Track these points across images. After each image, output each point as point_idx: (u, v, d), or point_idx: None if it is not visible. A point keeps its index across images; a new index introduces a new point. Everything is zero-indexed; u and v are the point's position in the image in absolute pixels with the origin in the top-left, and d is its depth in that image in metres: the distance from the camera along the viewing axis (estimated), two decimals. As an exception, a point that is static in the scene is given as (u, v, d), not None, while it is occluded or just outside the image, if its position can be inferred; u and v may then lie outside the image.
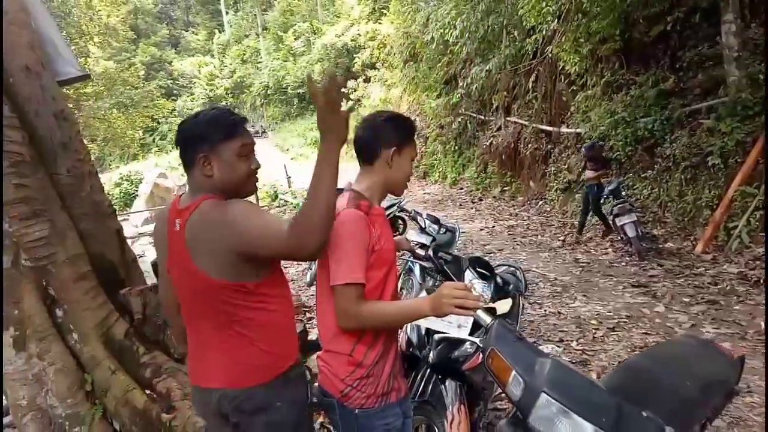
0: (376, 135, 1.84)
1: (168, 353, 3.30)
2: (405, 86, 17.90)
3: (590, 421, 1.36)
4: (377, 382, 1.75)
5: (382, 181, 1.83)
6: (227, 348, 1.66)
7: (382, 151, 1.81)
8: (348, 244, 1.65)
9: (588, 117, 10.10)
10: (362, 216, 1.69)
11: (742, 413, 3.28)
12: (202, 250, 1.60)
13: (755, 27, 7.60)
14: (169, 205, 1.79)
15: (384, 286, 1.76)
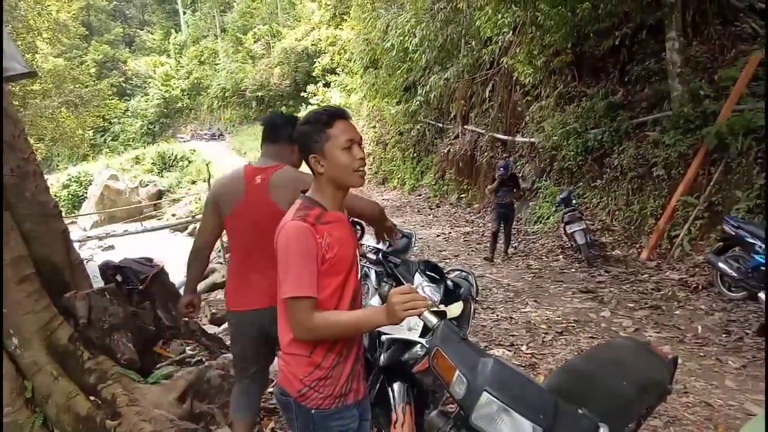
0: (300, 148, 1.82)
1: (114, 358, 3.21)
2: (365, 92, 17.98)
3: (529, 419, 1.40)
4: (335, 384, 1.76)
5: (326, 183, 1.79)
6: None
7: (309, 160, 1.79)
8: (293, 258, 1.66)
9: (542, 127, 10.38)
10: (306, 228, 1.67)
11: (678, 413, 3.43)
12: (279, 193, 2.39)
13: (696, 45, 7.99)
14: (241, 170, 2.57)
15: (342, 292, 1.76)
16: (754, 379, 3.92)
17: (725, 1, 7.84)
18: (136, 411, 2.68)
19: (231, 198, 2.53)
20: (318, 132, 1.75)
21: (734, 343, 4.59)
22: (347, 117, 1.82)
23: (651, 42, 8.51)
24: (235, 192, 2.52)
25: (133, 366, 3.25)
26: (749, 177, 6.33)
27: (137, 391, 2.93)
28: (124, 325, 3.42)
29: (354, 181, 1.79)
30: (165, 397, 2.94)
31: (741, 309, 5.32)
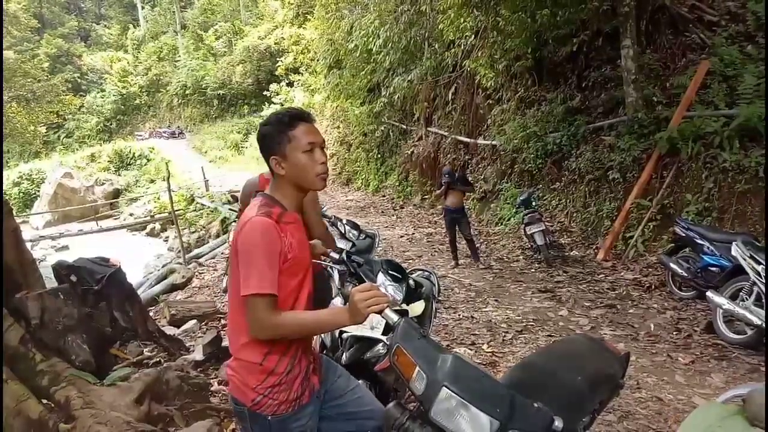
0: (261, 149, 1.82)
1: (68, 360, 3.12)
2: (329, 92, 17.90)
3: (486, 413, 1.44)
4: (289, 389, 1.74)
5: (287, 184, 1.79)
6: None
7: (270, 161, 1.78)
8: (258, 254, 1.64)
9: (503, 130, 10.57)
10: (272, 224, 1.67)
11: (632, 407, 3.55)
12: None
13: (650, 53, 8.29)
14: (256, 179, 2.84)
15: (298, 293, 1.77)
16: (701, 375, 4.10)
17: (676, 13, 8.16)
18: (91, 414, 2.61)
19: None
20: (280, 133, 1.74)
21: (684, 340, 4.79)
22: (310, 119, 1.81)
23: (607, 49, 8.78)
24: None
25: (88, 368, 3.16)
26: (699, 181, 6.61)
27: (92, 393, 2.86)
28: (78, 326, 3.33)
29: (315, 184, 1.79)
30: (121, 399, 2.87)
31: (690, 308, 5.55)
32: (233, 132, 34.52)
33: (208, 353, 4.25)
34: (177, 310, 6.04)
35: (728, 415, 1.53)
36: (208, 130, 37.60)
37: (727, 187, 6.27)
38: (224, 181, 22.00)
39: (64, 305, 3.28)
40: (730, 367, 4.21)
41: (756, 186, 5.94)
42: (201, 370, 4.10)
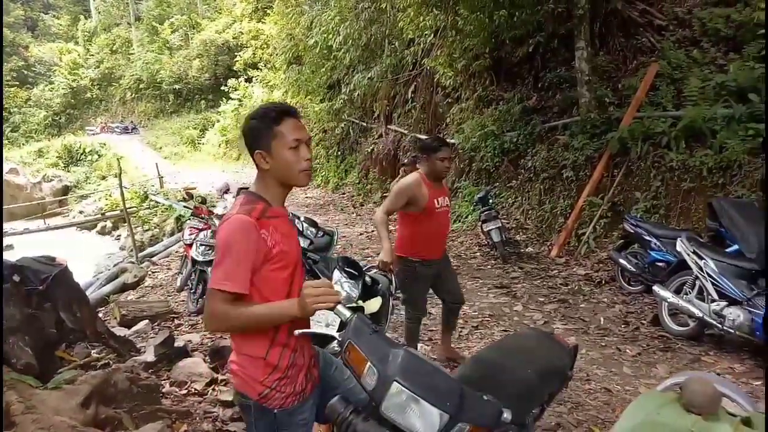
0: (246, 142, 1.81)
1: (9, 364, 2.98)
2: (288, 88, 17.72)
3: (436, 406, 1.46)
4: (294, 382, 1.78)
5: (271, 180, 1.79)
6: None
7: (254, 155, 1.78)
8: (231, 251, 1.66)
9: (462, 129, 10.69)
10: (250, 222, 1.67)
11: (581, 399, 3.66)
12: None
13: (602, 55, 8.54)
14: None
15: (290, 286, 1.78)
16: (647, 366, 4.26)
17: (627, 16, 8.42)
18: (33, 419, 2.51)
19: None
20: (266, 128, 1.74)
21: (632, 333, 4.96)
22: (296, 115, 1.81)
23: (562, 51, 8.99)
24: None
25: (31, 371, 3.04)
26: (647, 179, 6.85)
27: (35, 397, 2.74)
28: (21, 328, 3.20)
29: (299, 181, 1.79)
30: (66, 402, 2.77)
31: (638, 301, 5.75)
32: (189, 128, 33.76)
33: (160, 354, 4.14)
34: (128, 310, 5.87)
35: (666, 403, 1.59)
36: (163, 126, 36.64)
37: (673, 185, 6.53)
38: (180, 178, 21.50)
39: (6, 306, 3.14)
40: (674, 358, 4.38)
41: (700, 185, 6.20)
42: (153, 371, 3.99)
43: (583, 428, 3.31)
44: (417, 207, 3.71)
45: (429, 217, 3.74)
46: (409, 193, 3.70)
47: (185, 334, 5.37)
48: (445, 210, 3.89)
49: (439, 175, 3.79)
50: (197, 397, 3.70)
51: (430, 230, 3.81)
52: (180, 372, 4.01)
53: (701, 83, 6.70)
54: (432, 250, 3.86)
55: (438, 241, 3.93)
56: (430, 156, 3.72)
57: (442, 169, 3.75)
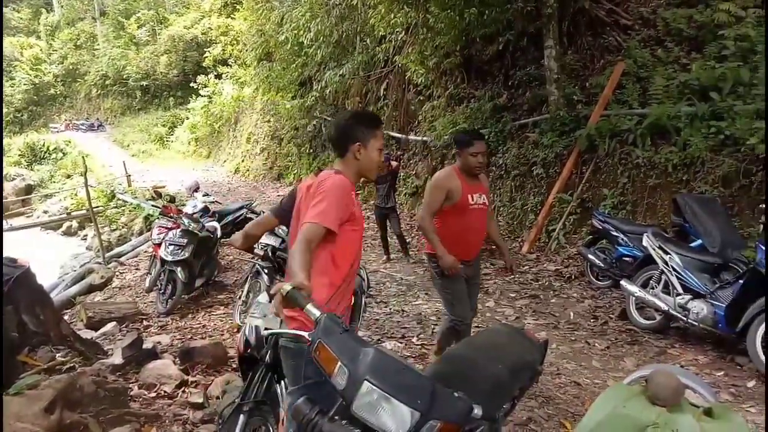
0: (344, 134, 2.23)
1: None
2: (259, 85, 17.50)
3: (407, 405, 1.46)
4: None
5: (354, 170, 2.24)
6: None
7: (350, 146, 2.21)
8: (332, 197, 2.05)
9: (434, 126, 10.72)
10: (350, 184, 2.17)
11: (552, 393, 3.72)
12: None
13: (571, 54, 8.67)
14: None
15: (359, 247, 2.27)
16: (615, 359, 4.35)
17: (595, 16, 8.55)
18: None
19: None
20: (369, 128, 2.24)
21: (600, 327, 5.06)
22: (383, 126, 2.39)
23: (532, 49, 9.09)
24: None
25: (-9, 377, 2.93)
26: (614, 176, 6.99)
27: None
28: (-21, 332, 3.08)
29: (372, 175, 2.35)
30: (29, 408, 2.68)
31: (606, 296, 5.87)
32: (158, 125, 33.09)
33: (129, 356, 4.06)
34: (95, 312, 5.74)
35: (632, 396, 1.62)
36: (131, 123, 35.84)
37: (639, 182, 6.67)
38: (148, 176, 21.08)
39: (-37, 310, 3.03)
40: (641, 351, 4.49)
41: (665, 181, 6.36)
42: (120, 374, 3.91)
43: (554, 422, 3.36)
44: (450, 201, 3.49)
45: (462, 214, 3.52)
46: (445, 186, 3.48)
47: (154, 335, 5.28)
48: (482, 207, 3.60)
49: (471, 171, 3.54)
50: (167, 399, 3.64)
51: (462, 228, 3.56)
52: (149, 374, 3.93)
53: (665, 82, 6.86)
54: (464, 249, 3.60)
55: (471, 240, 3.67)
56: (462, 150, 3.52)
57: (474, 164, 3.50)
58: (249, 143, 22.20)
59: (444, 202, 3.50)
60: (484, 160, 3.59)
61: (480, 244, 3.81)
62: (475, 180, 3.60)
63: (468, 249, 3.65)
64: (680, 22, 7.42)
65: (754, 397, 3.66)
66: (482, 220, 3.65)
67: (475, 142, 3.50)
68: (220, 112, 25.70)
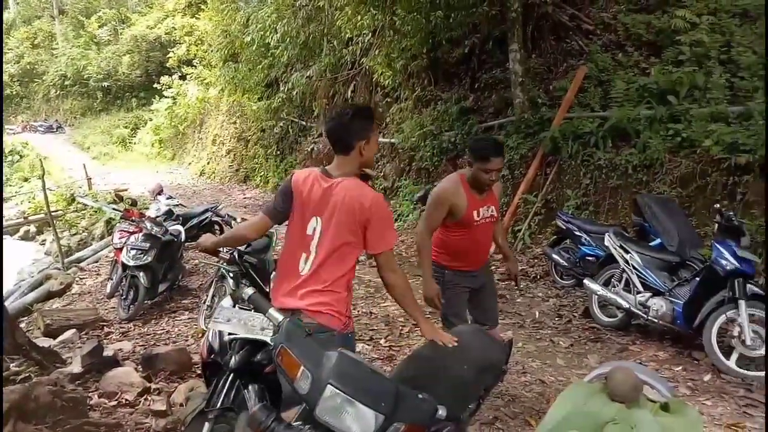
0: (348, 131, 2.28)
1: None
2: (224, 86, 17.25)
3: (371, 408, 1.45)
4: (349, 312, 2.41)
5: (356, 165, 2.33)
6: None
7: (356, 143, 2.27)
8: (389, 220, 2.37)
9: (401, 128, 10.76)
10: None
11: (518, 391, 3.77)
12: None
13: (535, 57, 8.82)
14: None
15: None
16: (579, 356, 4.44)
17: (558, 20, 8.73)
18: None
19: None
20: (370, 123, 2.32)
21: (564, 326, 5.15)
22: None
23: (497, 53, 9.22)
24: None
25: (-61, 390, 2.81)
26: (577, 177, 7.14)
27: (-57, 418, 2.53)
28: (-74, 343, 2.95)
29: (373, 168, 2.57)
30: (-20, 422, 2.57)
31: (571, 295, 5.98)
32: (120, 126, 32.25)
33: (88, 364, 3.95)
34: (53, 319, 5.56)
35: (593, 393, 1.66)
36: (92, 125, 34.83)
37: (601, 183, 6.83)
38: (110, 179, 20.54)
39: None
40: (604, 348, 4.59)
41: (626, 182, 6.53)
42: (80, 383, 3.80)
43: (520, 420, 3.40)
44: (453, 218, 3.18)
45: (466, 230, 3.22)
46: (448, 201, 3.15)
47: (116, 342, 5.15)
48: (488, 222, 3.29)
49: (479, 187, 3.18)
50: (128, 408, 3.54)
51: (466, 243, 3.26)
52: (109, 382, 3.83)
53: (626, 85, 7.04)
54: (467, 262, 3.34)
55: (475, 254, 3.35)
56: (475, 162, 3.11)
57: (484, 181, 3.13)
58: (215, 145, 21.87)
59: (446, 217, 3.20)
60: (498, 177, 3.26)
61: (486, 255, 3.53)
62: (482, 192, 3.23)
63: (472, 262, 3.36)
64: (639, 27, 7.64)
65: (710, 390, 3.78)
66: (489, 233, 3.39)
67: (492, 158, 3.07)
68: (184, 114, 25.24)
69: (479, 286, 3.43)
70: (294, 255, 2.34)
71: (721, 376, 3.96)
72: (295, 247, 2.35)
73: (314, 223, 2.31)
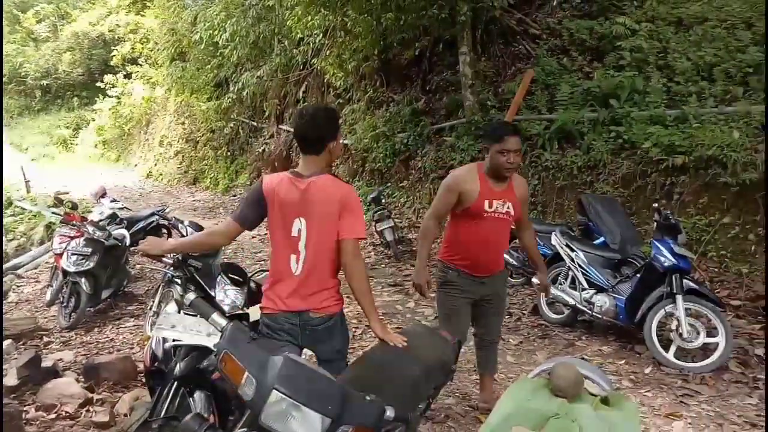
0: (321, 131, 2.37)
1: None
2: (171, 86, 16.78)
3: (318, 411, 1.44)
4: None
5: (326, 163, 2.45)
6: None
7: (327, 143, 2.38)
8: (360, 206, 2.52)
9: (354, 129, 10.75)
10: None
11: (469, 389, 3.83)
12: None
13: (484, 61, 8.99)
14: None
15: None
16: (528, 353, 4.54)
17: (506, 24, 8.93)
18: None
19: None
20: (337, 123, 2.50)
21: (514, 323, 5.26)
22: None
23: (447, 55, 9.34)
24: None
25: None
26: (526, 178, 7.24)
27: None
28: None
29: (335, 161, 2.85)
30: None
31: (520, 293, 6.12)
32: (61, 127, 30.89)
33: (24, 376, 3.76)
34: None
35: (537, 389, 1.70)
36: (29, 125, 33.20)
37: (548, 183, 7.03)
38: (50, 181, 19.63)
39: None
40: (551, 344, 4.72)
41: (571, 182, 6.73)
42: (15, 396, 3.61)
43: (471, 417, 3.45)
44: (462, 206, 3.02)
45: (475, 222, 3.02)
46: (458, 187, 3.01)
47: (56, 352, 4.92)
48: (503, 218, 3.05)
49: (498, 172, 2.97)
50: (68, 420, 3.40)
51: (474, 238, 3.06)
52: (48, 394, 3.65)
53: (570, 89, 7.27)
54: (475, 262, 3.11)
55: (484, 254, 3.10)
56: (490, 146, 2.97)
57: (502, 164, 2.92)
58: (162, 146, 21.25)
59: (456, 205, 3.05)
60: (516, 160, 2.98)
61: (497, 261, 3.25)
62: (501, 183, 3.04)
63: (483, 262, 3.13)
64: (583, 32, 7.90)
65: (650, 382, 3.94)
66: (502, 232, 3.15)
67: (507, 137, 2.91)
68: (130, 114, 24.42)
69: (483, 296, 3.21)
70: (284, 257, 2.42)
71: (661, 368, 4.14)
72: (282, 250, 2.42)
73: (298, 224, 2.37)
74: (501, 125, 3.13)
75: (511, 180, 3.08)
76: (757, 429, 3.23)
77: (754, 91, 5.94)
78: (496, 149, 2.92)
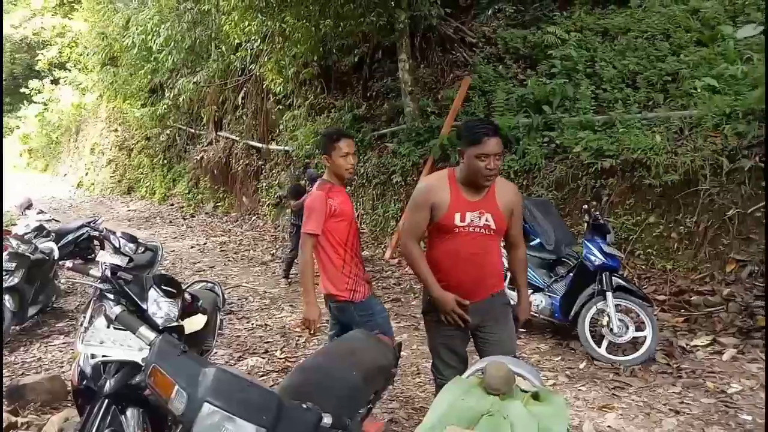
0: (320, 148, 2.99)
1: None
2: (103, 91, 16.13)
3: (252, 422, 1.42)
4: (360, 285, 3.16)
5: (331, 172, 3.11)
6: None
7: (323, 158, 3.10)
8: (313, 210, 2.98)
9: (295, 136, 10.68)
10: (322, 194, 3.01)
11: (412, 392, 3.86)
12: None
13: (423, 67, 9.15)
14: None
15: (349, 230, 3.10)
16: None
17: (444, 32, 9.11)
18: None
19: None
20: (329, 143, 3.05)
21: (456, 325, 5.34)
22: (350, 136, 3.15)
23: (387, 62, 9.44)
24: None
25: None
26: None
27: None
28: None
29: (345, 175, 3.09)
30: None
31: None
32: None
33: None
34: None
35: (471, 388, 1.74)
36: (-55, 133, 31.06)
37: (487, 187, 7.19)
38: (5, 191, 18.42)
39: None
40: (492, 345, 4.81)
41: (508, 186, 6.92)
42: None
43: (414, 420, 3.47)
44: (432, 220, 2.56)
45: (447, 237, 2.54)
46: (427, 201, 2.54)
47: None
48: (479, 234, 2.52)
49: (474, 180, 2.49)
50: (-10, 448, 3.18)
51: (450, 257, 2.56)
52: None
53: (506, 96, 7.50)
54: (456, 285, 2.55)
55: (465, 273, 2.55)
56: (466, 150, 2.47)
57: (480, 171, 2.43)
58: (94, 154, 20.37)
59: (431, 221, 2.58)
60: (497, 165, 2.47)
61: (485, 283, 2.63)
62: (478, 193, 2.54)
63: (462, 287, 2.55)
64: (516, 41, 8.18)
65: (585, 376, 4.11)
66: (485, 249, 2.58)
67: (486, 138, 2.41)
68: (58, 121, 23.32)
69: (477, 326, 2.66)
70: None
71: (595, 362, 4.31)
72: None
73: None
74: (479, 124, 2.56)
75: (492, 187, 2.56)
76: (680, 416, 3.42)
77: (673, 98, 6.32)
78: (473, 153, 2.41)
